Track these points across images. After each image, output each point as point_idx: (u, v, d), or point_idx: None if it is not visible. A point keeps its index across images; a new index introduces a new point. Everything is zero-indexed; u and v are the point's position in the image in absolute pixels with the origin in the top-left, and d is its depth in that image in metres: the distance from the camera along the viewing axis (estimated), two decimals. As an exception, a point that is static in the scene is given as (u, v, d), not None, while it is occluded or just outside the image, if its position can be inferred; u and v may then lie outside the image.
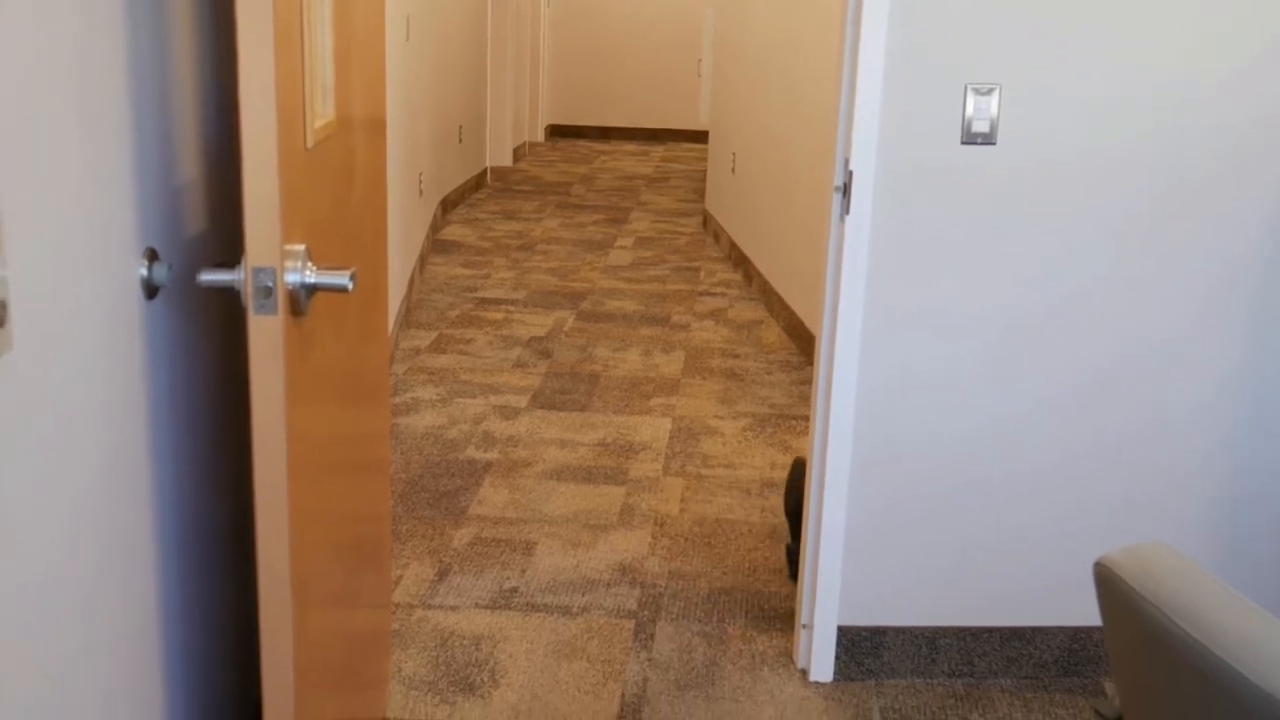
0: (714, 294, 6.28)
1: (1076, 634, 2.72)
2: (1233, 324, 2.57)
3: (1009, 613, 2.71)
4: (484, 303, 5.91)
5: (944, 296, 2.53)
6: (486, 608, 2.96)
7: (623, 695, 2.62)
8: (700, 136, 12.71)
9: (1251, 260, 2.54)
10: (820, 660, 2.69)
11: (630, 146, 12.70)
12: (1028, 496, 2.64)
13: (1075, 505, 2.65)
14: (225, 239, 1.91)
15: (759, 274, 6.18)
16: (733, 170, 7.05)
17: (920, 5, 2.38)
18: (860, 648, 2.70)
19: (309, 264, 1.53)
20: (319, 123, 1.68)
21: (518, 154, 11.06)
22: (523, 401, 4.47)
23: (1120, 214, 2.51)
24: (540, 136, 12.57)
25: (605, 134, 13.27)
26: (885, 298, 2.52)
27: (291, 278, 1.50)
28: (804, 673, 2.72)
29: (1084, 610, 2.70)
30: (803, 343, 5.14)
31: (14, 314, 1.18)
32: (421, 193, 6.49)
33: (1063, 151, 2.46)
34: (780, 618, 2.95)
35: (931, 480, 2.62)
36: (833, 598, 2.66)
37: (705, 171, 9.33)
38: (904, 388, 2.57)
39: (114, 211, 1.45)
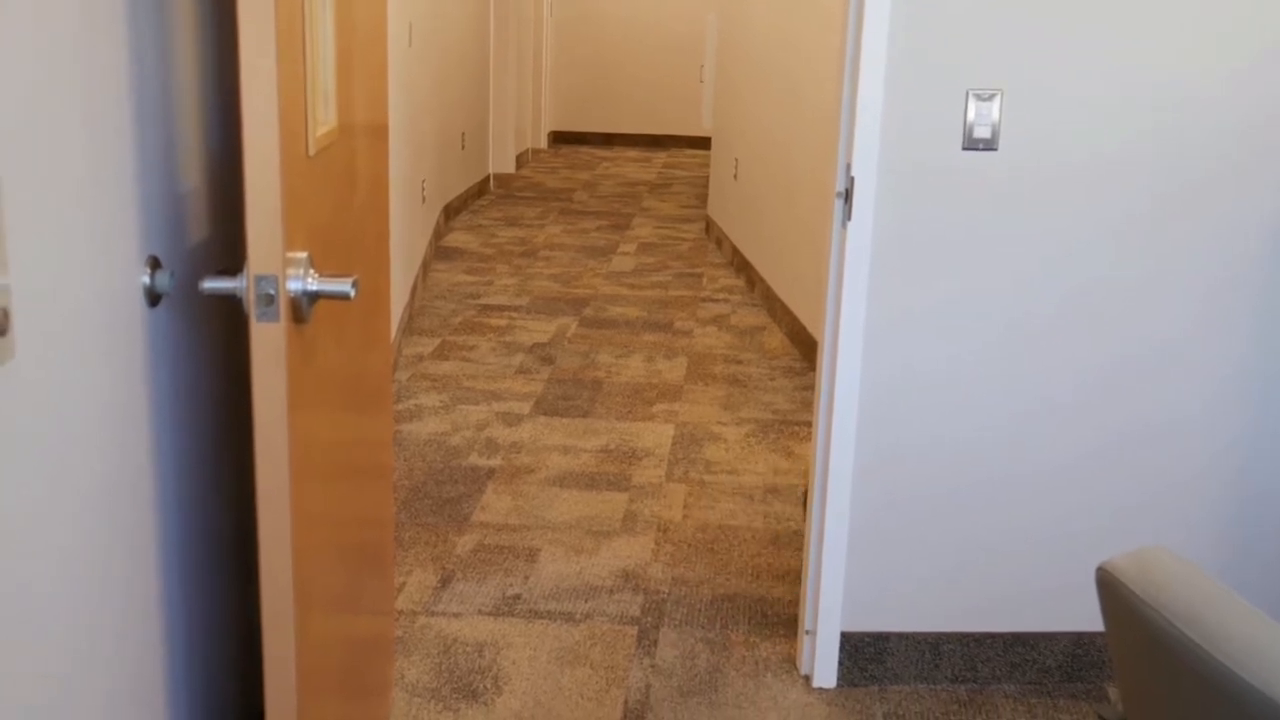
0: (716, 300, 6.28)
1: (1080, 639, 2.72)
2: (1234, 324, 2.57)
3: (1012, 617, 2.70)
4: (487, 309, 5.92)
5: (946, 299, 2.53)
6: (489, 614, 2.96)
7: (626, 702, 2.62)
8: (703, 142, 12.71)
9: (1252, 260, 2.54)
10: (823, 666, 2.69)
11: (633, 153, 12.71)
12: (1031, 498, 2.64)
13: (1079, 507, 2.65)
14: (227, 246, 1.91)
15: (761, 279, 6.18)
16: (735, 176, 7.06)
17: (921, 10, 2.38)
18: (863, 653, 2.70)
19: (311, 271, 1.54)
20: (321, 129, 1.68)
21: (520, 160, 11.07)
22: (525, 408, 4.47)
23: (1121, 214, 2.51)
24: (543, 143, 12.59)
25: (608, 140, 13.27)
26: (887, 300, 2.52)
27: (294, 285, 1.50)
28: (807, 679, 2.72)
29: (1088, 615, 2.69)
30: (805, 348, 5.14)
31: (16, 321, 1.18)
32: (424, 199, 6.50)
33: (1063, 153, 2.47)
34: (783, 624, 2.95)
35: (934, 482, 2.62)
36: (836, 603, 2.66)
37: (708, 177, 9.33)
38: (906, 390, 2.57)
39: (116, 219, 1.45)
